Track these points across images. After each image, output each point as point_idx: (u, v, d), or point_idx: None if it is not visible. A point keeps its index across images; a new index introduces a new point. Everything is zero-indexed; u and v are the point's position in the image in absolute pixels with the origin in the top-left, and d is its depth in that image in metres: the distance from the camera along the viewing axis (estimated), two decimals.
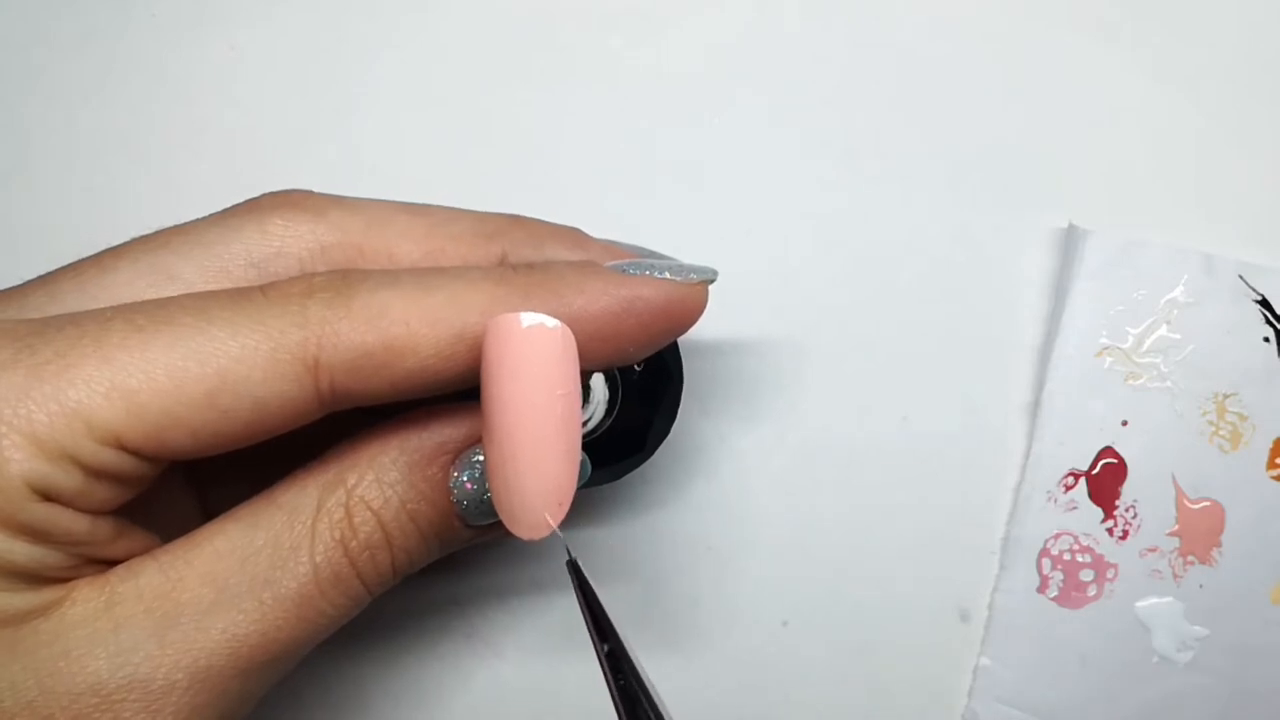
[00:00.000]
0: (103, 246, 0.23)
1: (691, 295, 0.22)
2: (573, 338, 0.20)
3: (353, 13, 0.32)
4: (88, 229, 0.23)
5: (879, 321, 0.31)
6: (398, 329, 0.20)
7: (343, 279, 0.20)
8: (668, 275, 0.22)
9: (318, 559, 0.20)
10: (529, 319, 0.20)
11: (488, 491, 0.22)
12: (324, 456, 0.22)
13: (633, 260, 0.23)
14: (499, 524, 0.23)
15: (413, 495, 0.21)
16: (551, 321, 0.20)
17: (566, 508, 0.20)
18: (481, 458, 0.22)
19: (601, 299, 0.21)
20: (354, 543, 0.21)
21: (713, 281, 0.23)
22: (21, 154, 0.32)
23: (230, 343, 0.19)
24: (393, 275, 0.21)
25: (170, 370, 0.19)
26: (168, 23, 0.32)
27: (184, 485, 0.23)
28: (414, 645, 0.30)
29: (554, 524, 0.20)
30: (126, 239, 0.23)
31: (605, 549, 0.31)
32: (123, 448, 0.19)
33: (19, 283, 0.22)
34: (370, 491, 0.21)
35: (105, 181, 0.32)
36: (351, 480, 0.21)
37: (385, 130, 0.32)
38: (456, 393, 0.22)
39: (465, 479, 0.22)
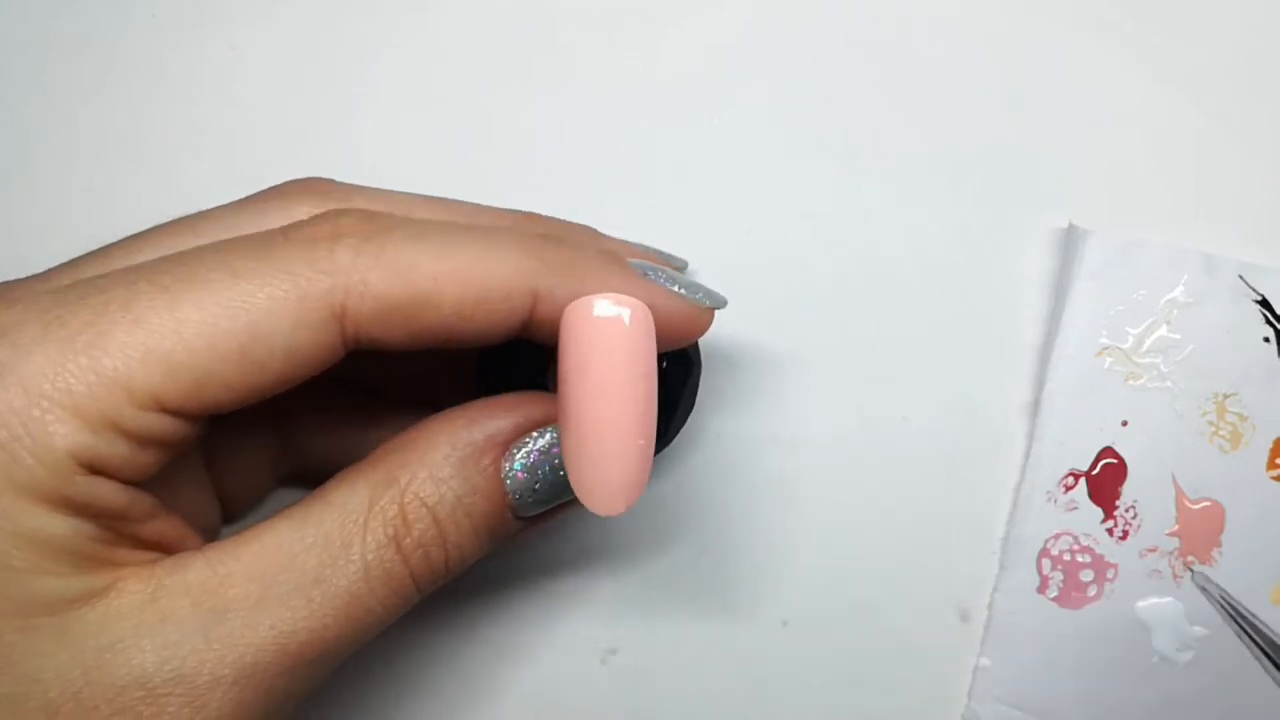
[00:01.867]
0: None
1: (699, 317, 0.23)
2: (652, 320, 0.20)
3: (353, 13, 0.32)
4: (88, 229, 0.23)
5: (879, 321, 0.31)
6: (426, 284, 0.20)
7: (370, 222, 0.20)
8: (681, 291, 0.23)
9: (369, 557, 0.20)
10: (607, 306, 0.20)
11: (539, 480, 0.22)
12: (371, 456, 0.22)
13: (652, 264, 0.23)
14: (544, 515, 0.23)
15: (468, 489, 0.21)
16: (633, 305, 0.20)
17: (646, 483, 0.20)
18: (533, 446, 0.22)
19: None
20: (408, 540, 0.21)
21: (721, 308, 0.23)
22: (21, 154, 0.32)
23: (258, 295, 0.19)
24: (420, 227, 0.21)
25: (201, 328, 0.19)
26: (168, 23, 0.32)
27: (200, 468, 0.24)
28: (414, 644, 0.30)
29: (633, 502, 0.20)
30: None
31: (603, 548, 0.31)
32: (163, 409, 0.19)
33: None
34: (425, 488, 0.21)
35: (105, 181, 0.32)
36: (404, 478, 0.21)
37: (385, 130, 0.32)
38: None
39: (518, 469, 0.22)
